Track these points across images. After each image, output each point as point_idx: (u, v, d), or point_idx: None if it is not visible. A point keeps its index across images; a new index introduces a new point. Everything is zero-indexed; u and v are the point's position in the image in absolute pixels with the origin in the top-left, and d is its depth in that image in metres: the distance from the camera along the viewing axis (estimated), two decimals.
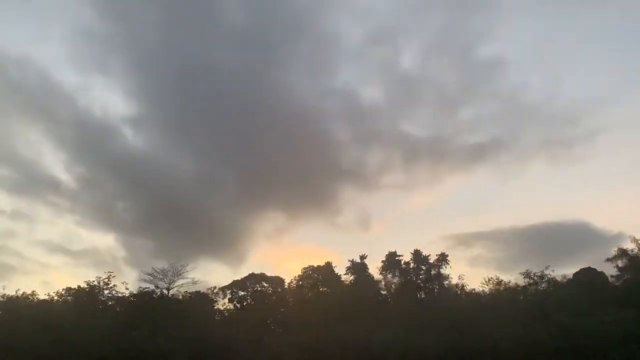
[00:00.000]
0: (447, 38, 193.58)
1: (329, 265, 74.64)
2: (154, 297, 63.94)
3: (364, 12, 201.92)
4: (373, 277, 68.92)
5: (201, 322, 59.64)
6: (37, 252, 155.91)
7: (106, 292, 63.96)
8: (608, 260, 67.22)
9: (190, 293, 69.16)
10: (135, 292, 64.02)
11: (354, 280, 69.08)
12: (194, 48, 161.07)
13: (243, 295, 73.09)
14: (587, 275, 66.25)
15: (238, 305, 72.32)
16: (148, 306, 59.81)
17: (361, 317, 56.60)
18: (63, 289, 63.38)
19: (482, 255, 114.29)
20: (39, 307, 58.84)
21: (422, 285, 66.89)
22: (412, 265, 66.98)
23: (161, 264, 64.10)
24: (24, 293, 63.26)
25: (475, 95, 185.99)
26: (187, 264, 65.73)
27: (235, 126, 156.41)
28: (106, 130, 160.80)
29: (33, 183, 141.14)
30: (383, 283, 68.12)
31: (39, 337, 48.06)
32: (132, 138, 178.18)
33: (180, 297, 67.25)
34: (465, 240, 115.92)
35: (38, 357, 47.40)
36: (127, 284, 64.47)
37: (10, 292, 61.80)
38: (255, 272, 75.56)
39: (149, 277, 65.04)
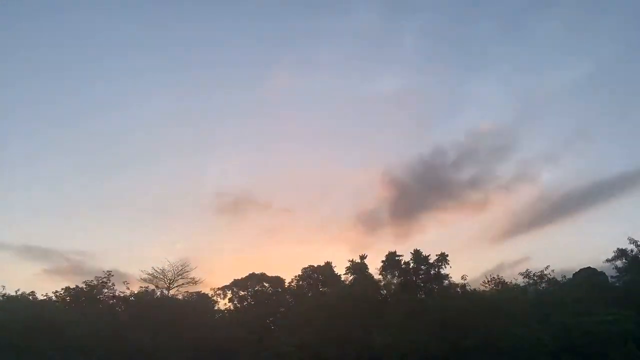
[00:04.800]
0: None
1: (328, 265, 74.61)
2: (154, 297, 63.96)
3: None
4: (373, 277, 68.94)
5: (201, 322, 59.64)
6: None
7: (105, 291, 63.94)
8: (608, 260, 67.44)
9: (190, 293, 69.29)
10: (135, 292, 64.12)
11: (353, 280, 69.02)
12: None
13: (243, 295, 73.03)
14: (587, 275, 66.30)
15: (238, 305, 72.26)
16: (148, 306, 59.80)
17: (361, 317, 56.57)
18: (62, 289, 63.28)
19: None
20: (39, 307, 58.72)
21: (422, 285, 66.74)
22: (412, 265, 66.84)
23: None
24: (24, 293, 63.25)
25: None
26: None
27: None
28: None
29: None
30: (383, 283, 68.08)
31: (39, 337, 48.03)
32: None
33: (180, 297, 67.28)
34: None
35: (38, 356, 47.38)
36: (127, 283, 64.61)
37: (10, 292, 61.90)
38: (256, 272, 75.60)
39: (149, 277, 65.14)
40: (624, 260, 65.58)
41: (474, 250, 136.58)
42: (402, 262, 67.34)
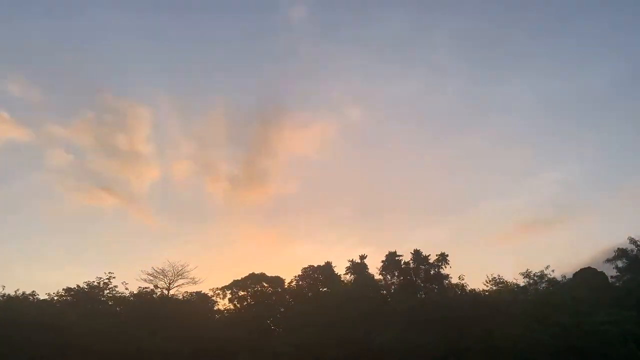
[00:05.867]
0: None
1: (329, 265, 74.53)
2: (154, 297, 63.97)
3: None
4: (373, 277, 68.90)
5: (201, 322, 59.65)
6: None
7: (106, 292, 63.98)
8: (608, 260, 67.41)
9: (190, 293, 69.30)
10: (135, 292, 64.10)
11: (354, 280, 69.01)
12: None
13: (243, 295, 72.95)
14: (587, 276, 66.26)
15: (238, 305, 72.20)
16: (148, 306, 59.79)
17: (361, 317, 56.56)
18: (63, 289, 63.21)
19: None
20: (39, 307, 58.71)
21: (422, 285, 66.71)
22: (412, 265, 66.81)
23: None
24: (24, 293, 63.24)
25: None
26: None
27: None
28: None
29: None
30: (383, 283, 68.07)
31: (39, 337, 48.04)
32: None
33: (180, 297, 67.30)
34: None
35: (38, 357, 47.42)
36: (127, 284, 64.58)
37: (10, 292, 61.89)
38: (256, 272, 75.52)
39: (149, 277, 65.18)
40: (624, 260, 65.59)
41: None
42: (402, 262, 67.37)
